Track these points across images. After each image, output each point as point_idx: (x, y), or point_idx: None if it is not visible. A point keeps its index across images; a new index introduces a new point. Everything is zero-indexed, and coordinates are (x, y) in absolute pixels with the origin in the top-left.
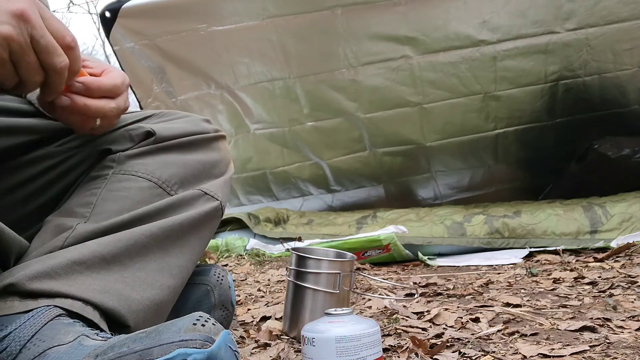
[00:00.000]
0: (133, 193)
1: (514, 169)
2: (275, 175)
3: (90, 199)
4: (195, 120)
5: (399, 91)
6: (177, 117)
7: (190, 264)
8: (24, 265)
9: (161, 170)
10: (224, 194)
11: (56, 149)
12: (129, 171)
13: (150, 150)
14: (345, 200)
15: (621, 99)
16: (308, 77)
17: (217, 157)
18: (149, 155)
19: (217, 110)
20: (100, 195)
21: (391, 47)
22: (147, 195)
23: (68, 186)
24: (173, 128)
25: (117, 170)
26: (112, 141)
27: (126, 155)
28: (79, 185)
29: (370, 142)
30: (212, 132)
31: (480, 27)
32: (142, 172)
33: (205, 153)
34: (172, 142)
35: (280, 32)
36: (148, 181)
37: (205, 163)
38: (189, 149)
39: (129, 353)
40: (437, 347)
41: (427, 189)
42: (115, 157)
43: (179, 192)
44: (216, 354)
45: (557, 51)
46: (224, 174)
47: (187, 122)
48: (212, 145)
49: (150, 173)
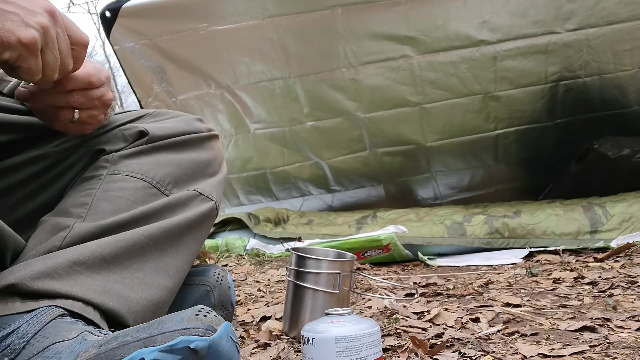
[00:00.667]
0: (128, 193)
1: (514, 169)
2: (275, 175)
3: (86, 200)
4: (188, 119)
5: (399, 91)
6: (170, 117)
7: (187, 265)
8: (24, 265)
9: (155, 170)
10: (218, 194)
11: (52, 150)
12: (123, 171)
13: (144, 150)
14: (345, 200)
15: (621, 100)
16: (308, 77)
17: (211, 156)
18: (143, 155)
19: (217, 110)
20: (95, 196)
21: (391, 46)
22: (142, 195)
23: (64, 187)
24: (166, 127)
25: (111, 170)
26: (105, 141)
27: (120, 155)
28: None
29: (370, 142)
30: (205, 132)
31: (481, 27)
32: (136, 172)
33: (199, 152)
34: (166, 142)
35: (280, 31)
36: (142, 181)
37: (198, 162)
38: (182, 148)
39: (132, 341)
40: (437, 347)
41: (427, 189)
42: (109, 157)
43: (174, 192)
44: (218, 342)
45: (558, 51)
46: (217, 173)
47: (180, 121)
48: (205, 144)
49: (144, 173)
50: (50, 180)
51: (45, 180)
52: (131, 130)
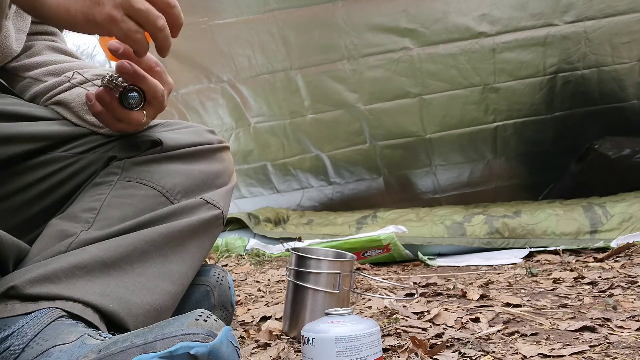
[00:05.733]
0: (137, 200)
1: (514, 165)
2: (275, 167)
3: (95, 205)
4: (200, 130)
5: (399, 82)
6: (183, 127)
7: (191, 272)
8: (25, 270)
9: (165, 179)
10: (226, 203)
11: (61, 155)
12: (134, 178)
13: (156, 159)
14: (345, 192)
15: (619, 93)
16: (309, 69)
17: (221, 167)
18: (155, 164)
19: (218, 104)
20: (104, 202)
21: (391, 38)
22: (151, 203)
23: (72, 190)
24: (179, 138)
25: (122, 176)
26: (118, 148)
27: (132, 162)
28: (84, 190)
29: (371, 135)
30: (216, 143)
31: (480, 20)
32: (147, 180)
33: (209, 164)
34: (178, 152)
35: (281, 24)
36: (152, 189)
37: (208, 173)
38: (193, 159)
39: (132, 347)
40: (437, 347)
41: (426, 183)
42: (121, 163)
43: (182, 201)
44: (218, 347)
45: (556, 44)
46: (226, 184)
47: (192, 132)
48: (216, 156)
49: (155, 181)
50: (58, 184)
51: (53, 184)
52: (144, 138)
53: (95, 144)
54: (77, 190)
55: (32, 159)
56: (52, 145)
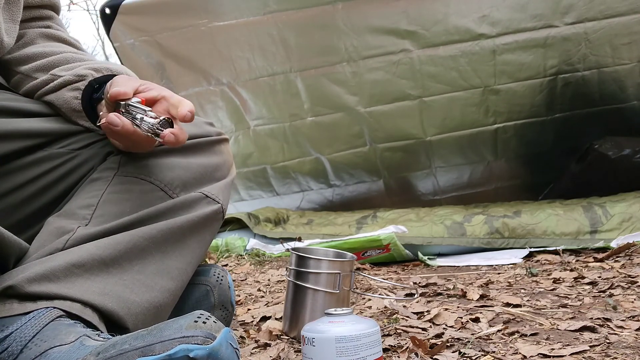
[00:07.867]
0: (135, 196)
1: (514, 166)
2: (275, 170)
3: (92, 201)
4: (198, 122)
5: (399, 85)
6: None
7: (190, 267)
8: (23, 268)
9: (164, 173)
10: (225, 197)
11: (58, 151)
12: (131, 173)
13: (154, 153)
14: (345, 194)
15: (620, 94)
16: (309, 71)
17: (220, 160)
18: (152, 157)
19: (218, 107)
20: (102, 198)
21: (391, 40)
22: (149, 198)
23: (70, 187)
24: None
25: (119, 172)
26: None
27: (129, 156)
28: (81, 186)
29: (371, 137)
30: (214, 135)
31: (480, 21)
32: (145, 175)
33: (208, 156)
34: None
35: (281, 26)
36: (150, 184)
37: (207, 166)
38: (191, 152)
39: (130, 350)
40: (437, 347)
41: (427, 185)
42: (118, 158)
43: (181, 195)
44: (217, 350)
45: (556, 45)
46: (225, 177)
47: (190, 124)
48: (215, 148)
49: (152, 175)
50: (55, 181)
51: (50, 181)
52: None
53: (92, 139)
54: (74, 187)
55: (29, 156)
56: (48, 141)
